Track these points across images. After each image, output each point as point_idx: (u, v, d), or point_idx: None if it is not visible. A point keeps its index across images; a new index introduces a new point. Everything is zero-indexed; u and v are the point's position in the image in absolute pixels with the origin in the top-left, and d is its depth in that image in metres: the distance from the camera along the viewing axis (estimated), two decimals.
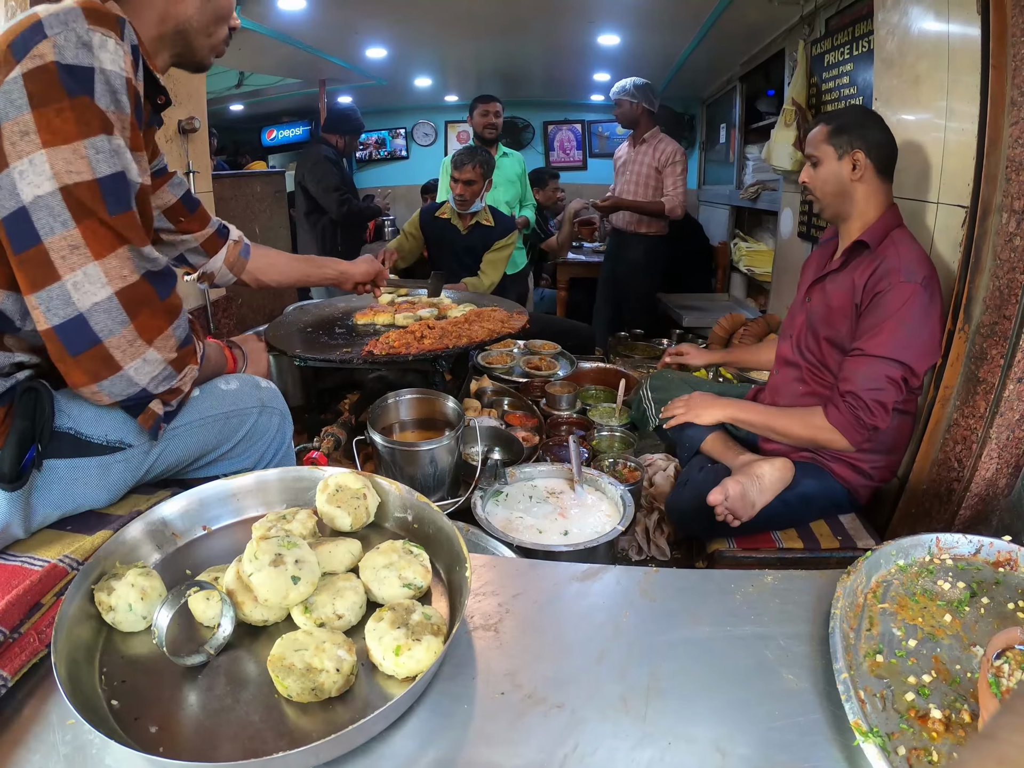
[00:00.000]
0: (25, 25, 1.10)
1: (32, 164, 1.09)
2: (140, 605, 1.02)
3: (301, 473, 1.36)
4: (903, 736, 0.90)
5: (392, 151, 8.18)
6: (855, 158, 2.01)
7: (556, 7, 4.51)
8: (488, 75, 6.77)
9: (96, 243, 1.14)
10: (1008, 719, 0.55)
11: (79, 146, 1.11)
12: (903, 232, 2.02)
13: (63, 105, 1.09)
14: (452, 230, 4.00)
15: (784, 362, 2.32)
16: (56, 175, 1.10)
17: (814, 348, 2.17)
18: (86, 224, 1.13)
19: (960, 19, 2.02)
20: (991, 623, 1.11)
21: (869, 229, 2.04)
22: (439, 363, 2.42)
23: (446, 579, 1.17)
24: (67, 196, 1.11)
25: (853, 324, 2.01)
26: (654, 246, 4.70)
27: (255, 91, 6.49)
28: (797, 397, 2.21)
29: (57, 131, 1.09)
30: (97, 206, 1.13)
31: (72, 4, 1.13)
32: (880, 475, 2.11)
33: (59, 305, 1.13)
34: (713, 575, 1.31)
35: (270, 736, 0.87)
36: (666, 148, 4.47)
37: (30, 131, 1.08)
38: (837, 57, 3.47)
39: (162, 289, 1.25)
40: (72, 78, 1.10)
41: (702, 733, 0.93)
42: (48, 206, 1.10)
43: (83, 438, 1.29)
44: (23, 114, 1.08)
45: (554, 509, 1.91)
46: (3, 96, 1.08)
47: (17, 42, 1.09)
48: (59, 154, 1.10)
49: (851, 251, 2.08)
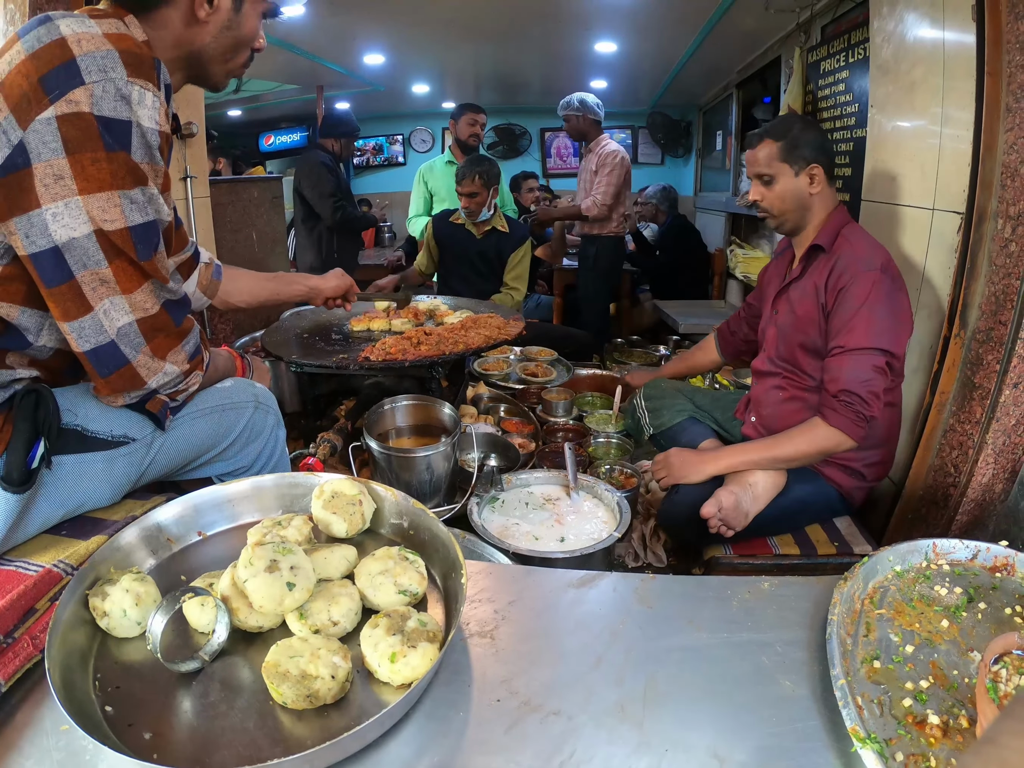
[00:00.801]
0: (57, 58, 1.12)
1: (67, 208, 1.13)
2: (135, 611, 1.02)
3: (297, 479, 1.36)
4: (901, 742, 0.89)
5: (390, 157, 8.21)
6: (812, 172, 2.04)
7: (553, 14, 4.54)
8: (485, 82, 6.80)
9: (125, 279, 1.22)
10: (1008, 723, 0.55)
11: (113, 195, 1.16)
12: (853, 227, 2.07)
13: (99, 156, 1.13)
14: (466, 235, 4.00)
15: (760, 374, 2.33)
16: (91, 220, 1.15)
17: (787, 355, 2.18)
18: (117, 264, 1.20)
19: (955, 26, 2.03)
20: (988, 628, 1.10)
21: (821, 232, 2.08)
22: (435, 369, 2.42)
23: (442, 586, 1.16)
24: (101, 238, 1.17)
25: (823, 326, 2.02)
26: (608, 247, 4.74)
27: (253, 97, 6.51)
28: (780, 403, 2.20)
29: (92, 178, 1.14)
30: (128, 248, 1.20)
31: (109, 47, 1.15)
32: (872, 473, 2.11)
33: (91, 334, 1.21)
34: (710, 581, 1.30)
35: (265, 743, 0.87)
36: (605, 152, 4.53)
37: (65, 176, 1.12)
38: (833, 64, 3.48)
39: (177, 317, 1.34)
40: (110, 133, 1.13)
41: (699, 740, 0.93)
42: (83, 247, 1.16)
43: (89, 433, 1.33)
44: (58, 158, 1.11)
45: (550, 516, 1.90)
46: (34, 135, 1.10)
47: (49, 79, 1.11)
48: (94, 201, 1.14)
49: (808, 257, 2.11)
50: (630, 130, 7.83)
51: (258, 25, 1.46)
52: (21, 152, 1.10)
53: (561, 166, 8.18)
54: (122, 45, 1.17)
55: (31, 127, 1.10)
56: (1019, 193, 1.77)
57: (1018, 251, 1.76)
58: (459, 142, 4.56)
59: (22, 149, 1.10)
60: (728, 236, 5.93)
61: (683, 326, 4.77)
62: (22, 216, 1.13)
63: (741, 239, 5.75)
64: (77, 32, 1.14)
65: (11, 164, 1.11)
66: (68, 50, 1.12)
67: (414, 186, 4.73)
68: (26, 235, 1.13)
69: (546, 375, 3.25)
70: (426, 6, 4.31)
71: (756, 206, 2.17)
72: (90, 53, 1.13)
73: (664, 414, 2.45)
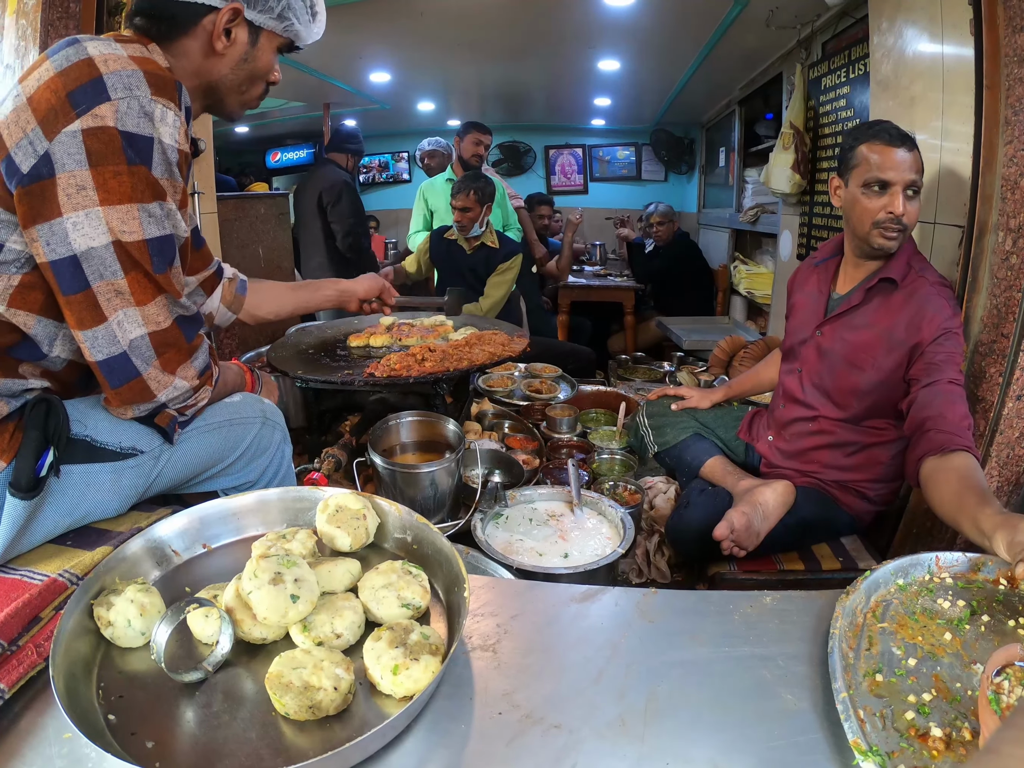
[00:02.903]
0: (85, 76, 1.17)
1: (88, 218, 1.17)
2: (139, 621, 1.02)
3: (301, 493, 1.37)
4: (903, 755, 0.89)
5: (395, 174, 8.26)
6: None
7: (557, 33, 4.58)
8: (490, 100, 6.85)
9: (140, 291, 1.25)
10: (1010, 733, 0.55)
11: (132, 208, 1.20)
12: (922, 261, 1.94)
13: (121, 169, 1.18)
14: (458, 250, 4.06)
15: (793, 399, 2.21)
16: (111, 230, 1.19)
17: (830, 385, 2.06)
18: (132, 275, 1.23)
19: (954, 40, 2.05)
20: (992, 641, 1.10)
21: (894, 263, 1.92)
22: (440, 386, 2.42)
23: (445, 600, 1.17)
24: (119, 249, 1.21)
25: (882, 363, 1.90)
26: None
27: (260, 113, 6.57)
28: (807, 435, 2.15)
29: (113, 191, 1.18)
30: (144, 261, 1.23)
31: (135, 67, 1.21)
32: (884, 500, 2.10)
33: (104, 344, 1.25)
34: (711, 596, 1.30)
35: (267, 753, 0.87)
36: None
37: (87, 187, 1.17)
38: (834, 80, 3.51)
39: (189, 333, 1.37)
40: (132, 147, 1.18)
41: (700, 754, 0.92)
42: (100, 257, 1.20)
43: (98, 444, 1.35)
44: (81, 169, 1.16)
45: (554, 532, 1.90)
46: (60, 146, 1.15)
47: (77, 94, 1.16)
48: (114, 213, 1.19)
49: (875, 288, 1.95)
50: (634, 147, 7.87)
51: (274, 59, 1.51)
52: (46, 162, 1.15)
53: (565, 183, 8.21)
54: (147, 67, 1.22)
55: (57, 139, 1.15)
56: (1019, 205, 1.78)
57: (1019, 263, 1.77)
58: (461, 160, 4.59)
59: (47, 159, 1.15)
60: (732, 252, 5.95)
61: (687, 342, 4.78)
62: (44, 224, 1.17)
63: (745, 255, 5.77)
64: (104, 53, 1.20)
65: (36, 173, 1.16)
66: (95, 68, 1.18)
67: (415, 203, 4.76)
68: (47, 242, 1.17)
69: (550, 392, 3.26)
70: (432, 26, 4.36)
71: (894, 223, 1.85)
72: (116, 72, 1.18)
73: (668, 432, 2.45)
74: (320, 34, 1.57)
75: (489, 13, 4.24)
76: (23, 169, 1.16)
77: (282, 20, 1.44)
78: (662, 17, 4.23)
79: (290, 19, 1.45)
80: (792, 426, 2.21)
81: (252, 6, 1.39)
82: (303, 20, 1.49)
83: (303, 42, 1.54)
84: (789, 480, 2.08)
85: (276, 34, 1.47)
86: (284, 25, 1.45)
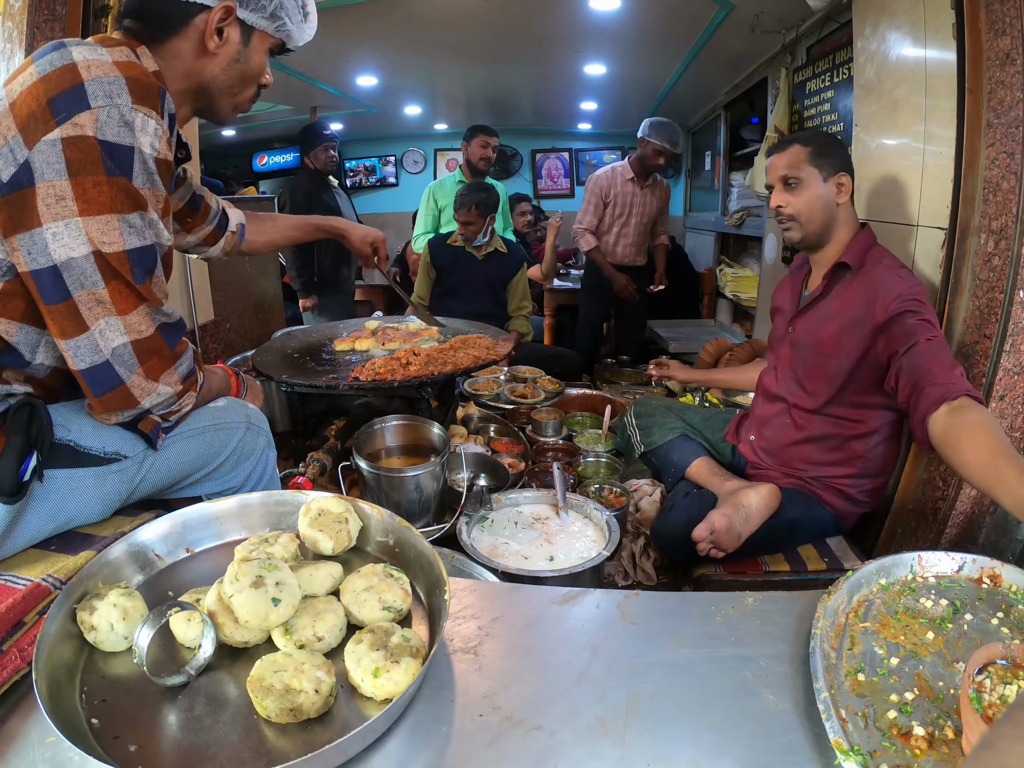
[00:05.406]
0: (67, 82, 1.16)
1: (67, 228, 1.16)
2: (122, 625, 1.02)
3: (284, 497, 1.36)
4: (886, 754, 0.89)
5: (382, 178, 8.24)
6: (840, 182, 1.98)
7: (544, 38, 4.59)
8: (477, 104, 6.85)
9: (121, 301, 1.24)
10: (1007, 729, 0.55)
11: (112, 219, 1.19)
12: (882, 251, 2.01)
13: (100, 179, 1.17)
14: (467, 257, 4.07)
15: (769, 395, 2.28)
16: (90, 241, 1.18)
17: (803, 377, 2.11)
18: (113, 285, 1.22)
19: (937, 44, 2.06)
20: (974, 639, 1.11)
21: (848, 250, 2.01)
22: (425, 389, 2.42)
23: (426, 602, 1.17)
24: (99, 260, 1.20)
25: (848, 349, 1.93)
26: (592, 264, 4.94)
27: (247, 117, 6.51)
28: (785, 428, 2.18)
29: (92, 201, 1.17)
30: (125, 271, 1.22)
31: (117, 73, 1.19)
32: (867, 499, 2.11)
33: (86, 353, 1.24)
34: (693, 597, 1.30)
35: (248, 756, 0.87)
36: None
37: (66, 197, 1.16)
38: (818, 84, 3.53)
39: (172, 340, 1.36)
40: (112, 157, 1.17)
41: (681, 754, 0.92)
42: (81, 267, 1.19)
43: (81, 449, 1.34)
44: (60, 179, 1.15)
45: (540, 535, 1.90)
46: (40, 155, 1.14)
47: (58, 102, 1.15)
48: (94, 223, 1.18)
49: (832, 275, 2.04)
50: (620, 151, 7.88)
51: (265, 60, 1.51)
52: (26, 171, 1.14)
53: (552, 187, 8.23)
54: (129, 73, 1.20)
55: (37, 147, 1.14)
56: (1001, 207, 1.80)
57: (1001, 265, 1.78)
58: (469, 164, 4.58)
59: (27, 168, 1.14)
60: (718, 256, 5.98)
61: (673, 345, 4.80)
62: (25, 233, 1.16)
63: (730, 258, 5.79)
64: (88, 59, 1.18)
65: (16, 182, 1.15)
66: (78, 75, 1.16)
67: (422, 204, 4.74)
68: (28, 252, 1.16)
69: (535, 395, 3.26)
70: (419, 29, 4.37)
71: (778, 214, 2.07)
72: (98, 79, 1.16)
73: (655, 432, 2.46)
74: (311, 35, 1.57)
75: (475, 17, 4.25)
76: (3, 178, 1.15)
77: (274, 20, 1.44)
78: (648, 21, 4.25)
79: (282, 18, 1.45)
80: (770, 422, 2.24)
81: (244, 5, 1.38)
82: (295, 20, 1.48)
83: (294, 43, 1.54)
84: (773, 482, 2.09)
85: (268, 34, 1.46)
86: (276, 25, 1.45)
